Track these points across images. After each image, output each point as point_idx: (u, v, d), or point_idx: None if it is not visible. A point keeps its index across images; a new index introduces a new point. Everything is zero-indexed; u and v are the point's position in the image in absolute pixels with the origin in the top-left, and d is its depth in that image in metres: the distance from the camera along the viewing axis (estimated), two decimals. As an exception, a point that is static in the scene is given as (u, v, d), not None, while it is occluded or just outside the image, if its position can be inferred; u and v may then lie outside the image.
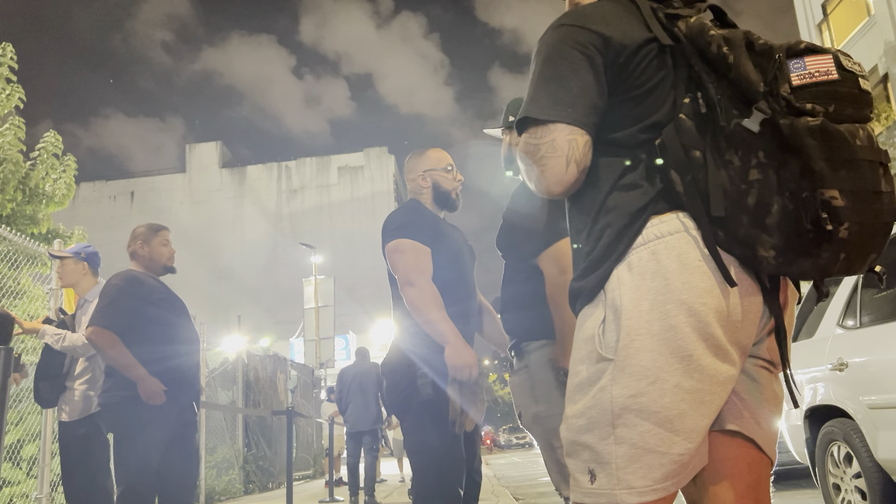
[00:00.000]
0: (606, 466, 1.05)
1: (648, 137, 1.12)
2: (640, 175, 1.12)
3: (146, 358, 3.09)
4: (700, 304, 1.03)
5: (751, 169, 1.02)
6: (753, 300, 1.08)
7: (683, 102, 1.09)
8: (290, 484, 5.54)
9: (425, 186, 2.55)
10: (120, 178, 44.75)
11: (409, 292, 2.29)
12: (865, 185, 0.99)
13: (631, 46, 1.13)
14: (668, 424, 1.02)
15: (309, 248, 21.36)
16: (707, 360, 1.03)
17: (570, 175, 1.13)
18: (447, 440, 2.26)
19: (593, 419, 1.07)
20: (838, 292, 3.91)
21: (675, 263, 1.04)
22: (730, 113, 1.04)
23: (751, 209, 1.01)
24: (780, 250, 1.01)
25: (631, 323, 1.05)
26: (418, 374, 2.28)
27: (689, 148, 1.06)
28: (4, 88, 7.53)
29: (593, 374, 1.08)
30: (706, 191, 1.04)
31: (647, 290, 1.05)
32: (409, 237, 2.36)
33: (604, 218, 1.12)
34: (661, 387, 1.02)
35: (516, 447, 38.59)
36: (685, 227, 1.06)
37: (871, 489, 3.41)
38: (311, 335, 19.27)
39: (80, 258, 3.75)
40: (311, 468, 13.65)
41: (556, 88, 1.14)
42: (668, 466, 1.03)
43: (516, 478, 12.22)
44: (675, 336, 1.03)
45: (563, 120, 1.12)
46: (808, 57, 1.03)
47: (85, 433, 3.47)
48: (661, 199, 1.09)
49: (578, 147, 1.12)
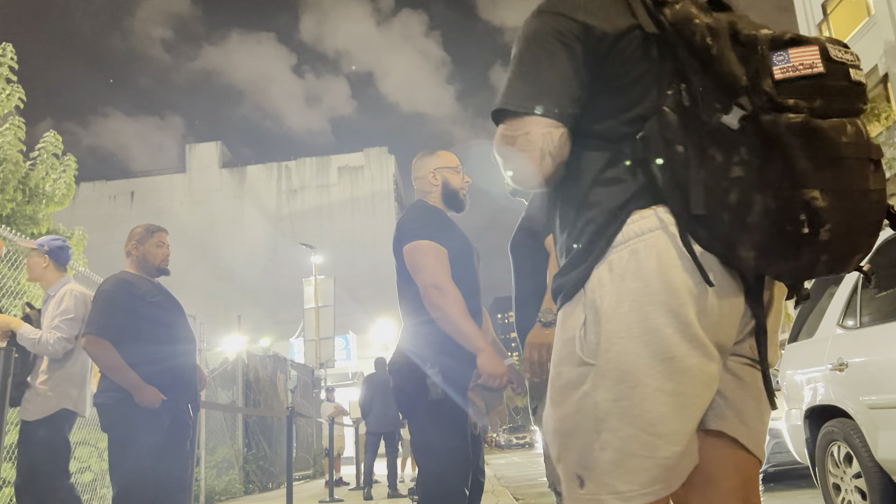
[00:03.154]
0: (593, 471, 1.04)
1: (631, 130, 1.08)
2: (622, 169, 1.09)
3: (142, 359, 3.09)
4: (679, 305, 1.01)
5: (733, 166, 0.99)
6: (734, 300, 1.05)
7: (667, 94, 1.05)
8: (290, 484, 5.54)
9: (435, 184, 2.55)
10: (120, 178, 44.73)
11: (436, 296, 2.28)
12: (851, 185, 0.95)
13: (613, 35, 1.09)
14: (651, 428, 1.01)
15: (309, 248, 21.35)
16: (689, 361, 1.01)
17: (545, 169, 1.11)
18: (454, 441, 2.26)
19: (578, 424, 1.06)
20: (838, 292, 3.91)
21: (654, 263, 1.02)
22: (712, 107, 1.00)
23: (732, 207, 0.99)
24: (760, 250, 0.98)
25: (611, 326, 1.03)
26: (427, 375, 2.28)
27: (671, 142, 1.02)
28: (4, 88, 7.52)
29: (575, 377, 1.07)
30: (687, 187, 1.01)
31: (626, 291, 1.03)
32: (428, 238, 2.36)
33: (586, 213, 1.10)
34: (642, 391, 1.01)
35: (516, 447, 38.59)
36: (663, 223, 1.03)
37: (871, 489, 3.41)
38: (311, 335, 19.25)
39: (42, 251, 3.66)
40: (311, 468, 13.65)
41: (533, 79, 1.11)
42: (654, 470, 1.02)
43: (516, 478, 12.22)
44: (655, 339, 1.01)
45: (539, 112, 1.09)
46: (793, 49, 0.98)
47: (46, 434, 3.36)
48: (642, 194, 1.06)
49: (553, 140, 1.10)
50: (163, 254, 3.37)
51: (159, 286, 3.40)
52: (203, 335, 8.05)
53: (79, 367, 3.53)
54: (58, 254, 3.69)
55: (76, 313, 3.49)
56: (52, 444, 3.39)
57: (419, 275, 2.33)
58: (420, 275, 2.33)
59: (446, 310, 2.26)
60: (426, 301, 2.31)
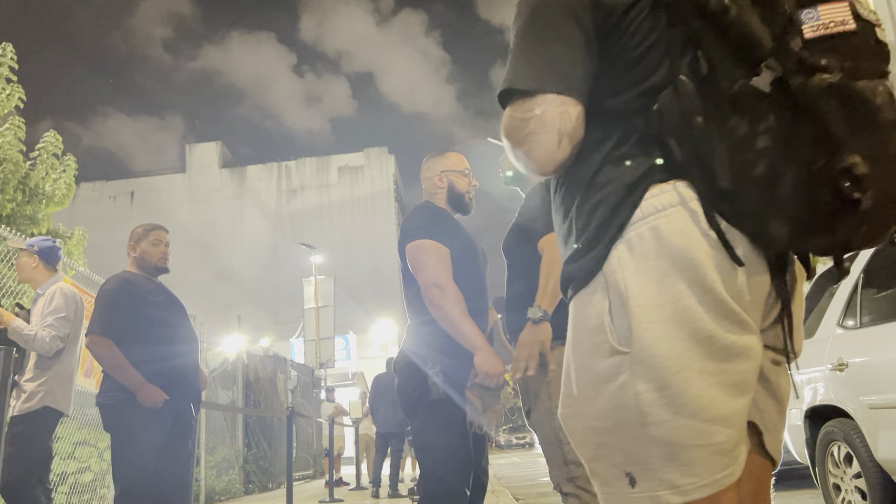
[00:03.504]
0: (644, 468, 0.96)
1: (644, 104, 1.00)
2: (635, 145, 1.01)
3: (144, 359, 3.09)
4: (712, 282, 0.93)
5: (759, 136, 0.91)
6: (761, 279, 0.98)
7: (682, 64, 0.98)
8: (290, 484, 5.55)
9: (441, 187, 2.56)
10: (120, 178, 44.78)
11: (436, 295, 2.29)
12: (889, 149, 0.88)
13: (622, 4, 1.02)
14: (703, 414, 0.93)
15: (309, 248, 21.36)
16: (730, 337, 0.94)
17: (563, 152, 1.02)
18: (455, 440, 2.27)
19: (620, 420, 0.97)
20: (838, 292, 3.91)
21: (679, 238, 0.94)
22: (733, 73, 0.93)
23: (760, 180, 0.91)
24: (795, 225, 0.91)
25: (640, 310, 0.95)
26: (428, 375, 2.29)
27: (688, 114, 0.95)
28: (4, 88, 7.53)
29: (608, 368, 0.97)
30: (710, 160, 0.94)
31: (652, 271, 0.95)
32: (430, 237, 2.37)
33: (596, 193, 1.02)
34: (685, 376, 0.93)
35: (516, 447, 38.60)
36: (683, 199, 0.96)
37: (871, 489, 3.41)
38: (311, 335, 19.26)
39: (32, 251, 3.67)
40: (311, 468, 13.66)
41: (542, 55, 1.02)
42: (711, 458, 0.94)
43: (516, 478, 12.23)
44: (690, 318, 0.93)
45: (552, 90, 1.00)
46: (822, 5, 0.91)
47: (23, 430, 3.33)
48: (659, 169, 0.98)
49: (571, 119, 1.01)
50: (160, 252, 3.35)
51: (161, 286, 3.40)
52: (203, 335, 8.06)
53: (65, 366, 3.52)
54: (47, 254, 3.69)
55: (67, 312, 3.49)
56: (29, 441, 3.36)
57: (420, 273, 2.35)
58: (421, 273, 2.34)
59: (446, 309, 2.27)
60: (426, 299, 2.32)
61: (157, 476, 3.06)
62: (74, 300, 3.58)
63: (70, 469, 5.82)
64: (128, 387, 3.04)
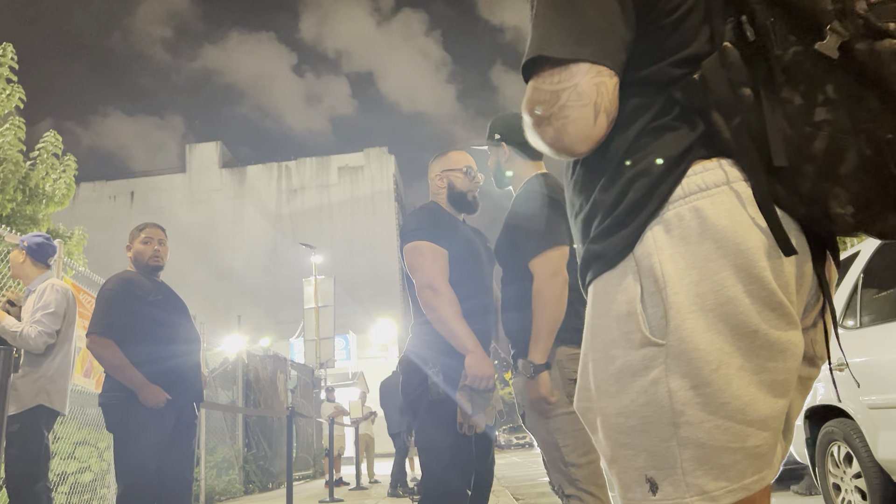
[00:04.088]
0: (671, 472, 0.88)
1: (684, 72, 0.91)
2: (676, 118, 0.91)
3: (145, 358, 3.09)
4: (761, 269, 0.85)
5: (817, 108, 0.83)
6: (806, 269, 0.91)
7: (725, 30, 0.89)
8: (290, 484, 5.55)
9: (441, 187, 2.56)
10: (120, 178, 44.78)
11: (430, 297, 2.30)
12: None
13: None
14: (741, 415, 0.85)
15: (309, 248, 21.36)
16: (776, 333, 0.86)
17: (600, 128, 0.91)
18: (455, 440, 2.27)
19: (648, 419, 0.88)
20: (838, 292, 3.91)
21: (726, 221, 0.86)
22: (787, 39, 0.85)
23: (819, 157, 0.83)
24: (860, 205, 0.83)
25: (679, 298, 0.86)
26: (428, 375, 2.30)
27: (736, 84, 0.87)
28: (5, 88, 7.53)
29: (638, 361, 0.89)
30: (762, 136, 0.85)
31: (693, 255, 0.86)
32: (427, 239, 2.37)
33: (630, 168, 0.92)
34: (725, 373, 0.85)
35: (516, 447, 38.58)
36: (728, 178, 0.88)
37: (871, 489, 3.41)
38: (311, 335, 19.26)
39: (21, 246, 3.66)
40: (311, 468, 13.66)
41: (574, 19, 0.90)
42: (743, 462, 0.87)
43: (516, 478, 12.23)
44: (735, 310, 0.85)
45: (587, 58, 0.89)
46: None
47: (18, 430, 3.31)
48: (703, 144, 0.89)
49: (608, 91, 0.90)
50: (151, 249, 3.32)
51: (162, 285, 3.39)
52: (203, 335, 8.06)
53: (58, 364, 3.48)
54: (35, 250, 3.67)
55: (57, 308, 3.45)
56: (25, 440, 3.33)
57: (415, 275, 2.36)
58: (416, 275, 2.36)
59: (439, 310, 2.29)
60: (421, 301, 2.33)
61: (159, 475, 3.07)
62: (66, 296, 3.55)
63: (70, 469, 5.82)
64: (130, 387, 3.04)
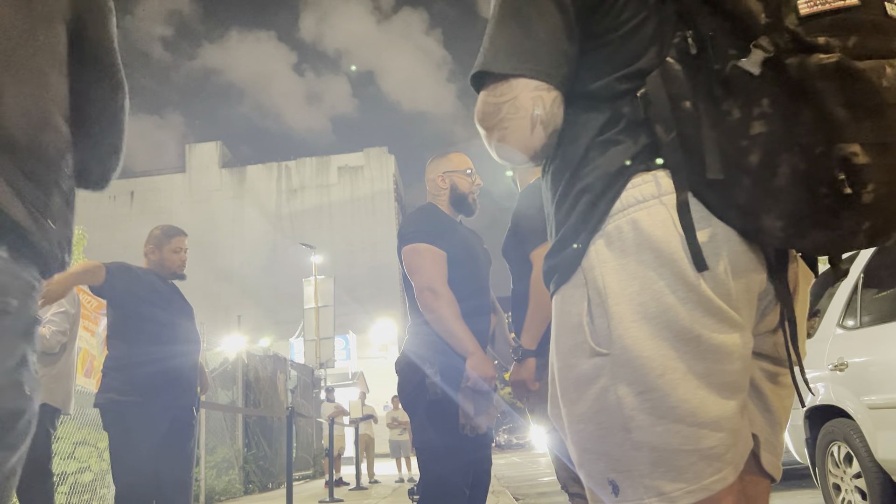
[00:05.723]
0: (629, 475, 0.90)
1: (630, 87, 0.93)
2: (622, 131, 0.93)
3: (142, 358, 3.08)
4: (695, 278, 0.87)
5: (753, 121, 0.83)
6: (754, 278, 0.90)
7: (672, 44, 0.90)
8: (290, 484, 5.55)
9: (443, 188, 2.56)
10: (120, 178, 44.42)
11: (429, 299, 2.31)
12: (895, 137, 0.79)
13: None
14: (691, 418, 0.87)
15: (309, 248, 21.37)
16: (719, 337, 0.87)
17: (537, 139, 0.96)
18: (453, 441, 2.27)
19: (603, 424, 0.91)
20: (838, 292, 3.91)
21: (661, 232, 0.88)
22: (725, 53, 0.85)
23: (754, 170, 0.83)
24: (790, 220, 0.83)
25: (620, 308, 0.89)
26: (427, 375, 2.30)
27: (677, 98, 0.88)
28: (4, 88, 7.52)
29: (589, 370, 0.92)
30: (699, 148, 0.86)
31: (634, 266, 0.89)
32: (426, 241, 2.38)
33: (580, 181, 0.95)
34: (671, 378, 0.86)
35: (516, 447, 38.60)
36: (660, 191, 0.89)
37: (871, 489, 3.41)
38: (311, 335, 19.26)
39: None
40: (311, 468, 13.66)
41: (517, 35, 0.95)
42: (700, 464, 0.87)
43: (516, 478, 12.23)
44: (675, 317, 0.87)
45: (525, 74, 0.94)
46: None
47: None
48: (645, 157, 0.91)
49: (545, 105, 0.95)
50: (180, 259, 3.30)
51: (171, 285, 3.38)
52: (203, 335, 8.06)
53: (62, 363, 3.51)
54: None
55: (67, 307, 3.48)
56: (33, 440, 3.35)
57: (414, 277, 2.37)
58: (415, 277, 2.36)
59: (438, 312, 2.29)
60: (420, 303, 2.34)
61: (156, 476, 3.06)
62: (72, 296, 3.57)
63: (70, 469, 5.82)
64: None
